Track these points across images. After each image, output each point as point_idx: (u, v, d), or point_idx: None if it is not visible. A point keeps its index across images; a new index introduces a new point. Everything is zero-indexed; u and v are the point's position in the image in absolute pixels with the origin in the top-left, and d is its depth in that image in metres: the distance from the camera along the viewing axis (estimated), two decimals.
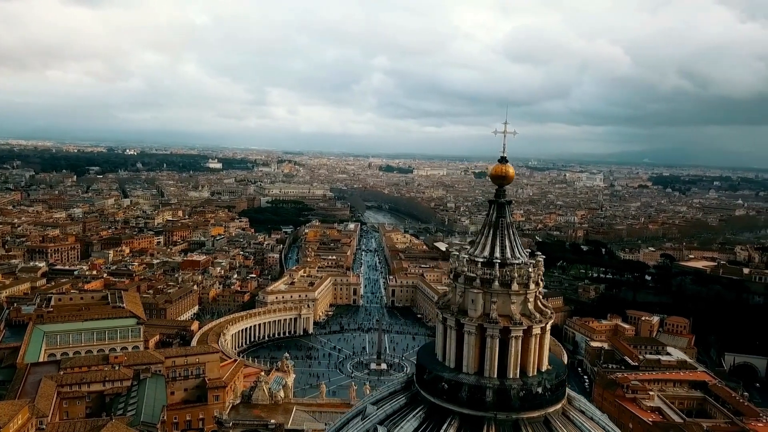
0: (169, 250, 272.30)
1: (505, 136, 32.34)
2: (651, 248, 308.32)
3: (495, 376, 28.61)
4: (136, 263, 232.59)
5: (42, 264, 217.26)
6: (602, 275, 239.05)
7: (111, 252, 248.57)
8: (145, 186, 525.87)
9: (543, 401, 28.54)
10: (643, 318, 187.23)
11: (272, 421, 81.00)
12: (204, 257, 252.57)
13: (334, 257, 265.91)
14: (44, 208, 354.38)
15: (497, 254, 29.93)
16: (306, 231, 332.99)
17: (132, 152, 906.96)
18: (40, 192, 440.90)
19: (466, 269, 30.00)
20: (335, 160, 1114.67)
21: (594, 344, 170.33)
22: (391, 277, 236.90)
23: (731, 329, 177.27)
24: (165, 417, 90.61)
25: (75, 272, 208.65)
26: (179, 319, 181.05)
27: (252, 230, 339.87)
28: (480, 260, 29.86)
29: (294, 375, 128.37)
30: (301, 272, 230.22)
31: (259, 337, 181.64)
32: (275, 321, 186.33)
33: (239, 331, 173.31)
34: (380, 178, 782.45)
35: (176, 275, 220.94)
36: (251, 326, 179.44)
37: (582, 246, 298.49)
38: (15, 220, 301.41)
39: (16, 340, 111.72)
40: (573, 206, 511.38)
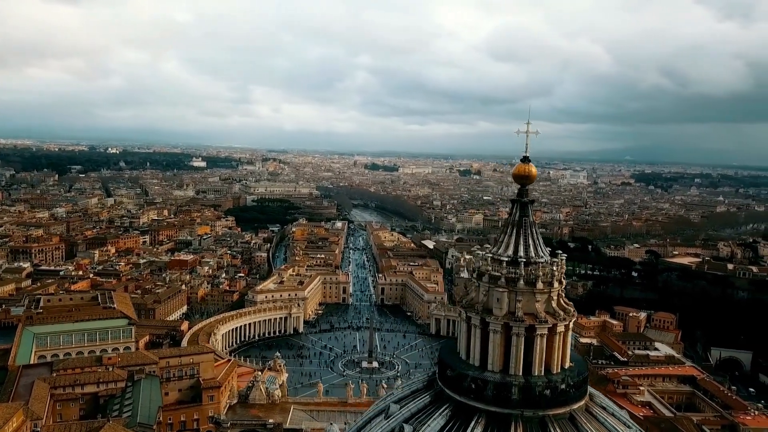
0: (156, 250, 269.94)
1: (528, 136, 32.61)
2: (636, 245, 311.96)
3: (520, 374, 28.91)
4: (123, 263, 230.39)
5: (26, 264, 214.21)
6: (589, 272, 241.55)
7: (96, 252, 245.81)
8: (129, 185, 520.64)
9: (568, 398, 28.90)
10: (631, 314, 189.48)
11: (270, 421, 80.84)
12: (191, 257, 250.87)
13: (323, 256, 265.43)
14: (26, 208, 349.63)
15: (521, 253, 30.23)
16: (293, 230, 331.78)
17: (114, 151, 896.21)
18: (22, 191, 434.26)
19: (491, 268, 30.24)
20: (320, 159, 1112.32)
21: (583, 340, 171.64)
22: (380, 275, 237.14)
23: (717, 324, 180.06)
24: (161, 418, 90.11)
25: (61, 272, 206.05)
26: (168, 320, 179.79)
27: (239, 229, 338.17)
28: (504, 259, 30.12)
29: (287, 374, 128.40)
30: (290, 271, 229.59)
31: (250, 337, 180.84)
32: (265, 320, 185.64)
33: (229, 331, 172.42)
34: (366, 177, 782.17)
35: (164, 275, 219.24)
36: (241, 326, 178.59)
37: (569, 243, 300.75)
38: None
39: (6, 342, 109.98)
40: (558, 204, 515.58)
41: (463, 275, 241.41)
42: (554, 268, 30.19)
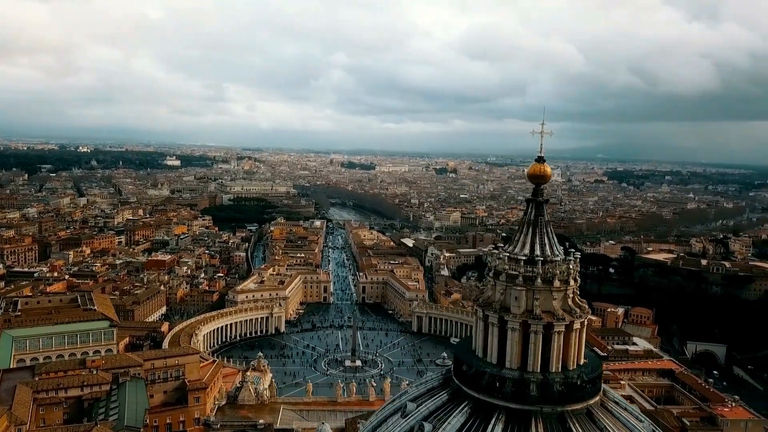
0: (132, 250, 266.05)
1: (542, 137, 32.98)
2: (611, 241, 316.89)
3: (538, 371, 29.35)
4: (99, 264, 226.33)
5: None
6: None
7: (71, 253, 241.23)
8: (102, 184, 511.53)
9: (585, 394, 29.42)
10: (609, 309, 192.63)
11: (261, 421, 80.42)
12: (169, 257, 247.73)
13: (303, 255, 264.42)
14: None
15: (537, 251, 30.63)
16: (271, 229, 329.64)
17: (85, 150, 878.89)
18: None
19: (507, 267, 30.60)
20: (296, 157, 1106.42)
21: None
22: (361, 274, 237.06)
23: (692, 319, 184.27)
24: (148, 420, 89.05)
25: (35, 274, 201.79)
26: (147, 321, 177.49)
27: (216, 229, 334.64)
28: (522, 258, 30.50)
29: (271, 374, 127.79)
30: (270, 271, 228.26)
31: (231, 337, 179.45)
32: (247, 320, 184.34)
33: (211, 332, 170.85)
34: (343, 175, 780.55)
35: (141, 275, 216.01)
36: (223, 326, 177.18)
37: None
38: None
39: None
40: None
41: (444, 273, 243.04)
42: (570, 267, 30.72)
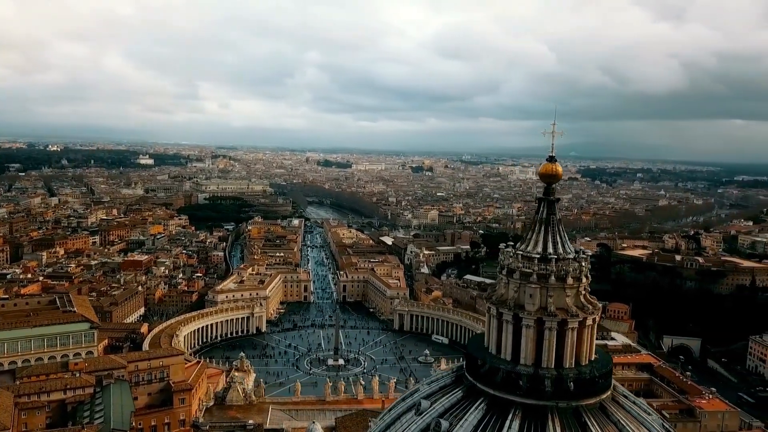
0: (107, 251, 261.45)
1: (554, 136, 33.49)
2: (587, 238, 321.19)
3: (552, 367, 29.86)
4: (74, 265, 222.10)
5: None
6: None
7: (44, 254, 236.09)
8: (74, 184, 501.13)
9: (597, 388, 30.02)
10: None
11: (250, 422, 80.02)
12: (146, 257, 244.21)
13: (282, 254, 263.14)
14: None
15: (550, 250, 31.15)
16: (249, 228, 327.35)
17: (55, 148, 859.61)
18: None
19: (521, 265, 31.05)
20: (271, 155, 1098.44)
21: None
22: (341, 273, 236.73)
23: (667, 313, 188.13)
24: (134, 423, 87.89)
25: (8, 276, 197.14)
26: (126, 322, 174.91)
27: (192, 228, 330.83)
28: (535, 256, 30.97)
29: (255, 374, 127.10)
30: (250, 270, 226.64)
31: (212, 338, 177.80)
32: (228, 320, 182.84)
33: (191, 332, 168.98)
34: (319, 173, 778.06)
35: (118, 276, 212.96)
36: (203, 326, 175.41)
37: None
38: None
39: None
40: (509, 199, 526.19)
41: (424, 271, 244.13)
42: (582, 264, 31.30)
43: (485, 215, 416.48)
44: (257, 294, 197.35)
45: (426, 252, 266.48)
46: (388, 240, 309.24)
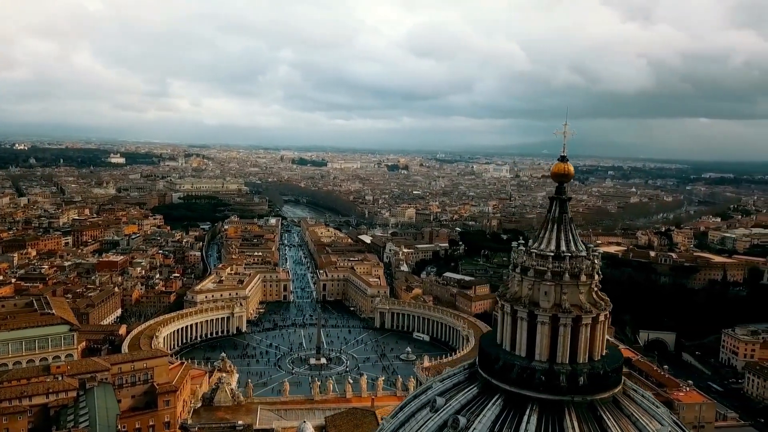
0: (81, 251, 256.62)
1: (566, 136, 34.09)
2: None
3: (567, 362, 30.47)
4: (47, 266, 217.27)
5: None
6: None
7: (15, 255, 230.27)
8: (43, 183, 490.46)
9: (610, 383, 30.76)
10: None
11: (240, 423, 79.57)
12: (121, 257, 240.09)
13: (260, 253, 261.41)
14: None
15: (563, 248, 31.76)
16: (225, 227, 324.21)
17: (22, 147, 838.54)
18: None
19: (535, 263, 31.58)
20: (245, 154, 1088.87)
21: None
22: (321, 272, 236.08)
23: (643, 308, 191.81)
24: (119, 426, 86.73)
25: None
26: (103, 324, 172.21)
27: (168, 228, 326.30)
28: (549, 254, 31.55)
29: (238, 375, 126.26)
30: (228, 270, 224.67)
31: (192, 338, 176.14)
32: (208, 321, 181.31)
33: (171, 333, 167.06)
34: (295, 172, 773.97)
35: (93, 277, 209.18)
36: (183, 327, 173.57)
37: (502, 235, 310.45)
38: None
39: None
40: (484, 197, 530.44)
41: (403, 269, 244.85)
42: (594, 261, 31.97)
43: (461, 213, 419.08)
44: (237, 294, 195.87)
45: (405, 250, 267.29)
46: (367, 238, 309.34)
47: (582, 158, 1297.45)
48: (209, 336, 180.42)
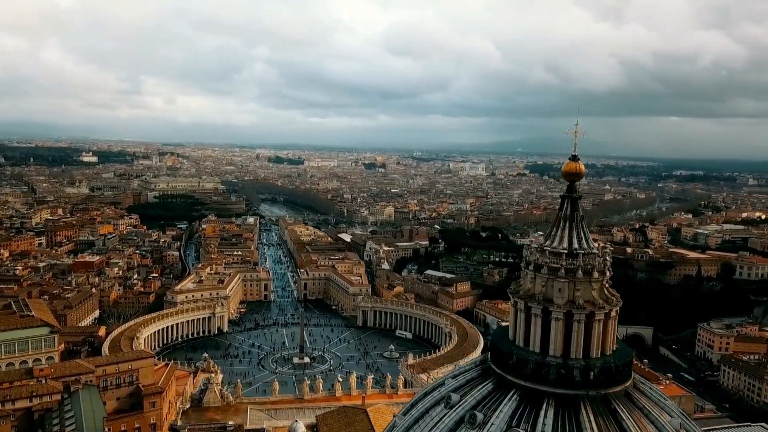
0: (55, 252, 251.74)
1: (577, 136, 34.66)
2: (540, 232, 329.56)
3: (580, 357, 31.09)
4: (20, 267, 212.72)
5: None
6: (503, 259, 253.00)
7: None
8: (13, 182, 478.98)
9: (622, 376, 31.50)
10: None
11: (231, 423, 79.09)
12: (97, 258, 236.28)
13: (239, 253, 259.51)
14: None
15: (575, 245, 32.37)
16: (203, 226, 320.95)
17: None
18: None
19: (549, 260, 32.10)
20: (220, 152, 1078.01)
21: (505, 324, 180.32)
22: (302, 271, 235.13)
23: (621, 304, 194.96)
24: (105, 428, 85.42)
25: None
26: (81, 326, 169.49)
27: (144, 227, 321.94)
28: (563, 252, 32.11)
29: (222, 375, 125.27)
30: (208, 270, 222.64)
31: (173, 339, 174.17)
32: (189, 321, 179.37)
33: (152, 334, 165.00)
34: (271, 170, 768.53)
35: (69, 278, 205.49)
36: (164, 328, 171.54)
37: (481, 233, 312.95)
38: None
39: None
40: (461, 195, 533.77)
41: (384, 267, 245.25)
42: (606, 258, 32.65)
43: (440, 211, 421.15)
44: (217, 294, 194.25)
45: (385, 248, 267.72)
46: (347, 237, 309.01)
47: (556, 156, 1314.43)
48: (190, 336, 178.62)
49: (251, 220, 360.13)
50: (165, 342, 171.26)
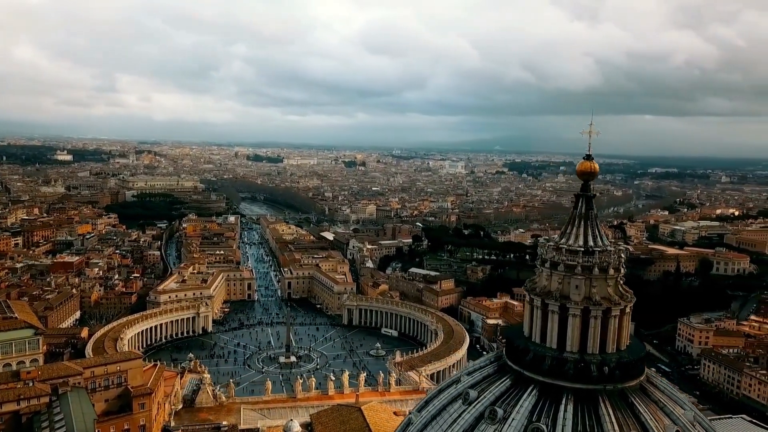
0: (32, 252, 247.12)
1: (591, 136, 35.24)
2: (521, 230, 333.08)
3: (597, 352, 31.72)
4: None
5: None
6: (486, 257, 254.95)
7: None
8: None
9: (637, 371, 32.21)
10: None
11: (224, 423, 78.67)
12: (76, 258, 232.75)
13: (222, 252, 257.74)
14: None
15: (591, 243, 32.96)
16: (184, 226, 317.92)
17: None
18: None
19: (565, 258, 32.64)
20: (198, 150, 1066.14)
21: (490, 321, 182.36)
22: (286, 270, 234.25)
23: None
24: (96, 430, 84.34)
25: None
26: (62, 327, 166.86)
27: (123, 227, 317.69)
28: (579, 249, 32.67)
29: (209, 375, 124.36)
30: (191, 269, 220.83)
31: (157, 339, 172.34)
32: (173, 321, 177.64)
33: (136, 334, 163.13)
34: (250, 168, 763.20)
35: (47, 279, 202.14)
36: (148, 328, 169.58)
37: (464, 231, 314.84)
38: None
39: None
40: (442, 193, 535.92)
41: (368, 265, 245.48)
42: (621, 255, 33.32)
43: (421, 209, 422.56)
44: (201, 293, 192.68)
45: (369, 246, 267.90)
46: (329, 235, 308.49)
47: (533, 154, 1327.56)
48: (175, 337, 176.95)
49: (232, 219, 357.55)
50: (149, 342, 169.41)
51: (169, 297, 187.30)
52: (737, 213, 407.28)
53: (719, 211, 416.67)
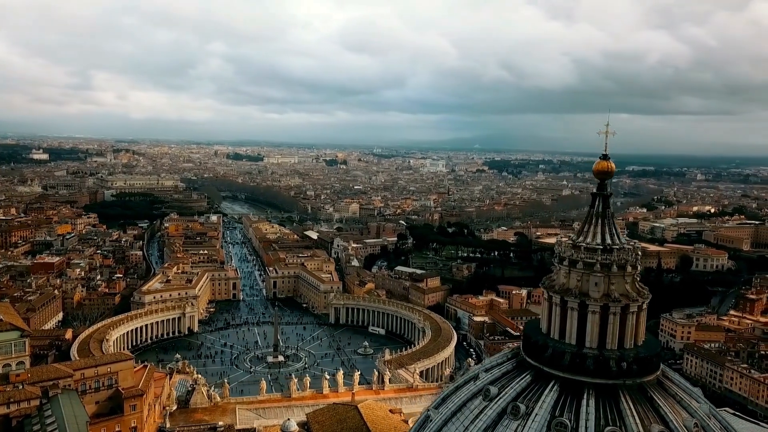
0: (11, 253, 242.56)
1: (607, 136, 35.84)
2: (504, 228, 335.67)
3: (615, 348, 32.38)
4: None
5: None
6: (471, 255, 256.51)
7: None
8: None
9: (654, 366, 32.93)
10: (514, 291, 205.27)
11: (220, 424, 78.35)
12: (57, 259, 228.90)
13: (205, 252, 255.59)
14: None
15: (609, 241, 33.61)
16: (166, 225, 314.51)
17: None
18: None
19: (584, 256, 33.23)
20: (177, 149, 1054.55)
21: (477, 319, 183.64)
22: (271, 269, 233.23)
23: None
24: None
25: None
26: (45, 329, 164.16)
27: (103, 227, 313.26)
28: (598, 247, 33.29)
29: (198, 375, 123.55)
30: (175, 269, 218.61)
31: (143, 340, 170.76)
32: (158, 322, 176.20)
33: (121, 335, 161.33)
34: (230, 167, 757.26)
35: (28, 280, 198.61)
36: (133, 329, 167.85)
37: (448, 229, 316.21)
38: None
39: None
40: (424, 191, 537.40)
41: (354, 264, 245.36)
42: (638, 253, 34.01)
43: (404, 208, 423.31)
44: (186, 293, 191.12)
45: (354, 245, 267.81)
46: (314, 234, 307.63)
47: (512, 152, 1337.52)
48: (160, 337, 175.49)
49: (214, 218, 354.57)
50: (135, 343, 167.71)
51: (154, 297, 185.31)
52: (713, 210, 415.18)
53: (696, 209, 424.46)
